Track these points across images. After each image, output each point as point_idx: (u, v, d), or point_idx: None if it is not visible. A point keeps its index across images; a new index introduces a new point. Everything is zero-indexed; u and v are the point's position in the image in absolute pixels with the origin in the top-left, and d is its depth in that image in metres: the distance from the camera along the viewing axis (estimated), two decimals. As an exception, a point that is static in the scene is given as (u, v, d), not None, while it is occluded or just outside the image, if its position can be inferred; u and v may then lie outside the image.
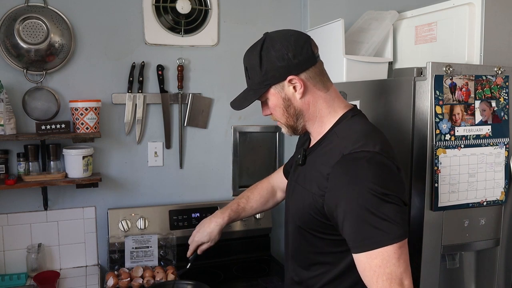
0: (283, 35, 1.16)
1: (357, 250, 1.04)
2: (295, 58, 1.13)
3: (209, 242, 1.61)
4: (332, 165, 1.08)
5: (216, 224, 1.59)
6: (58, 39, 1.87)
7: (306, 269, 1.24)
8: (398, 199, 1.04)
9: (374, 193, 1.01)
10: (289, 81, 1.14)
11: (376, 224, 1.01)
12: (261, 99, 1.21)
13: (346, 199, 1.04)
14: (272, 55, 1.13)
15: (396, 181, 1.08)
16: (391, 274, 1.00)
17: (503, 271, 1.58)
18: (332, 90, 1.20)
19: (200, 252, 1.63)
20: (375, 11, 2.06)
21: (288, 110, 1.18)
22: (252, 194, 1.65)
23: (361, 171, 1.04)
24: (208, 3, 2.12)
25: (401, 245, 1.02)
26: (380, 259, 1.01)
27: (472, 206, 1.47)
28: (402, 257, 1.02)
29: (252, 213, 1.66)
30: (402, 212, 1.05)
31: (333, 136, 1.17)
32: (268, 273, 2.04)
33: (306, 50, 1.14)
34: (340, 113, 1.19)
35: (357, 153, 1.07)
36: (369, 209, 1.01)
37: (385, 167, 1.06)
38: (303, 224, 1.20)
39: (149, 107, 2.08)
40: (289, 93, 1.16)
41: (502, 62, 1.52)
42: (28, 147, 1.87)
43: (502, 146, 1.49)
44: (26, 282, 1.85)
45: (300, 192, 1.22)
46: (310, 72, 1.15)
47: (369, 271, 1.02)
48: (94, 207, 2.04)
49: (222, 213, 1.60)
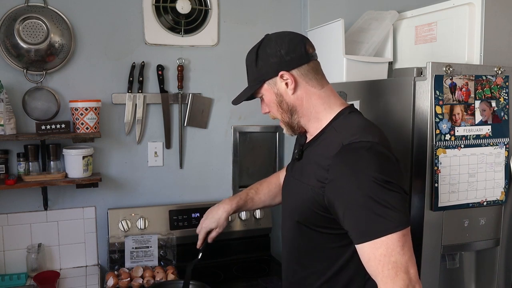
0: (280, 35, 1.22)
1: (360, 240, 1.04)
2: (287, 55, 1.17)
3: (217, 228, 1.59)
4: (331, 156, 1.09)
5: (224, 210, 1.58)
6: (58, 39, 1.87)
7: (304, 267, 1.24)
8: (399, 187, 1.05)
9: (376, 181, 1.02)
10: (281, 76, 1.18)
11: (379, 212, 1.01)
12: (257, 95, 1.26)
13: (348, 189, 1.05)
14: (267, 52, 1.19)
15: (396, 170, 1.09)
16: (396, 263, 1.00)
17: (503, 271, 1.58)
18: (328, 88, 1.22)
19: (210, 240, 1.61)
20: (375, 11, 2.06)
21: (281, 106, 1.22)
22: (261, 186, 1.65)
23: (362, 160, 1.05)
24: (208, 3, 2.12)
25: (405, 233, 1.02)
26: (385, 248, 1.00)
27: (472, 206, 1.47)
28: (406, 245, 1.02)
29: (259, 206, 1.65)
30: (404, 200, 1.05)
31: (331, 130, 1.18)
32: (268, 273, 2.04)
33: (299, 48, 1.18)
34: (336, 110, 1.21)
35: (357, 143, 1.08)
36: (372, 197, 1.01)
37: (385, 156, 1.08)
38: (301, 219, 1.20)
39: (149, 107, 2.08)
40: (281, 88, 1.20)
41: (502, 62, 1.52)
42: (28, 147, 1.87)
43: (502, 146, 1.49)
44: (26, 282, 1.85)
45: (297, 186, 1.22)
46: (303, 69, 1.18)
47: (373, 261, 1.02)
48: (94, 207, 2.04)
49: (231, 200, 1.60)
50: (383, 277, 1.01)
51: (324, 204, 1.11)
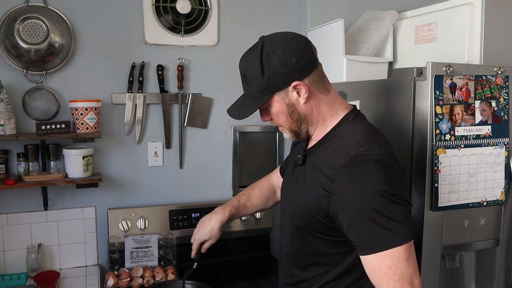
0: (283, 38, 1.12)
1: (366, 252, 1.04)
2: (298, 63, 1.10)
3: (211, 239, 1.58)
4: (338, 167, 1.08)
5: (216, 221, 1.55)
6: (58, 39, 1.87)
7: (303, 270, 1.24)
8: (404, 200, 1.05)
9: (383, 194, 1.02)
10: (294, 86, 1.12)
11: (386, 225, 1.01)
12: (261, 106, 1.17)
13: (354, 201, 1.04)
14: (275, 60, 1.09)
15: (402, 182, 1.09)
16: (402, 275, 1.01)
17: (503, 271, 1.58)
18: (332, 92, 1.20)
19: (204, 250, 1.60)
20: (375, 11, 2.06)
21: (292, 116, 1.16)
22: (253, 191, 1.63)
23: (369, 172, 1.05)
24: (208, 3, 2.12)
25: (410, 245, 1.03)
26: (391, 260, 1.01)
27: (472, 206, 1.47)
28: (411, 257, 1.03)
29: (252, 211, 1.64)
30: (409, 212, 1.06)
31: (335, 137, 1.16)
32: (268, 273, 2.04)
33: (308, 53, 1.12)
34: (341, 114, 1.19)
35: (364, 155, 1.07)
36: (378, 210, 1.01)
37: (391, 169, 1.07)
38: (302, 224, 1.19)
39: (149, 107, 2.08)
40: (293, 98, 1.14)
41: (502, 62, 1.52)
42: (28, 147, 1.87)
43: (502, 146, 1.49)
44: (26, 282, 1.85)
45: (300, 192, 1.21)
46: (313, 76, 1.14)
47: (379, 273, 1.02)
48: (94, 207, 2.04)
49: (223, 209, 1.57)
50: None
51: (328, 213, 1.11)
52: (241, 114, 1.19)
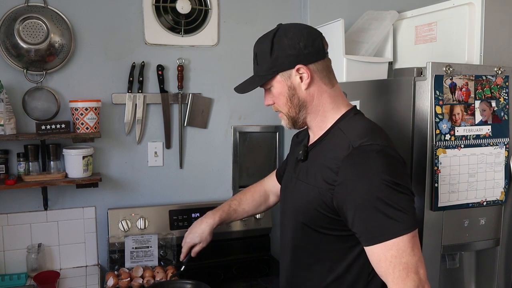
0: (297, 26, 1.18)
1: (371, 242, 1.04)
2: (305, 49, 1.14)
3: (201, 243, 1.60)
4: (341, 159, 1.09)
5: (206, 225, 1.59)
6: (58, 39, 1.87)
7: (306, 269, 1.24)
8: (408, 189, 1.06)
9: (387, 184, 1.02)
10: (297, 70, 1.15)
11: (390, 214, 1.02)
12: (265, 86, 1.21)
13: (359, 191, 1.05)
14: (284, 42, 1.14)
15: (404, 172, 1.10)
16: (407, 264, 1.01)
17: (503, 271, 1.58)
18: (337, 87, 1.22)
19: (194, 254, 1.63)
20: (375, 11, 2.06)
21: (292, 100, 1.18)
22: (244, 196, 1.65)
23: (372, 162, 1.06)
24: (208, 3, 2.12)
25: (414, 234, 1.03)
26: (396, 250, 1.01)
27: (472, 206, 1.47)
28: (415, 246, 1.03)
29: (243, 216, 1.66)
30: (412, 202, 1.07)
31: (337, 131, 1.17)
32: (268, 273, 2.04)
33: (317, 43, 1.16)
34: (343, 110, 1.20)
35: (367, 146, 1.08)
36: (383, 199, 1.02)
37: (394, 159, 1.08)
38: (306, 221, 1.19)
39: (149, 107, 2.08)
40: (295, 82, 1.16)
41: (502, 62, 1.53)
42: (28, 147, 1.87)
43: (502, 146, 1.49)
44: (26, 282, 1.85)
45: (303, 188, 1.21)
46: (319, 65, 1.17)
47: (384, 262, 1.03)
48: (94, 207, 2.04)
49: (213, 214, 1.60)
50: (394, 278, 1.02)
51: (332, 206, 1.11)
52: (243, 89, 1.23)
